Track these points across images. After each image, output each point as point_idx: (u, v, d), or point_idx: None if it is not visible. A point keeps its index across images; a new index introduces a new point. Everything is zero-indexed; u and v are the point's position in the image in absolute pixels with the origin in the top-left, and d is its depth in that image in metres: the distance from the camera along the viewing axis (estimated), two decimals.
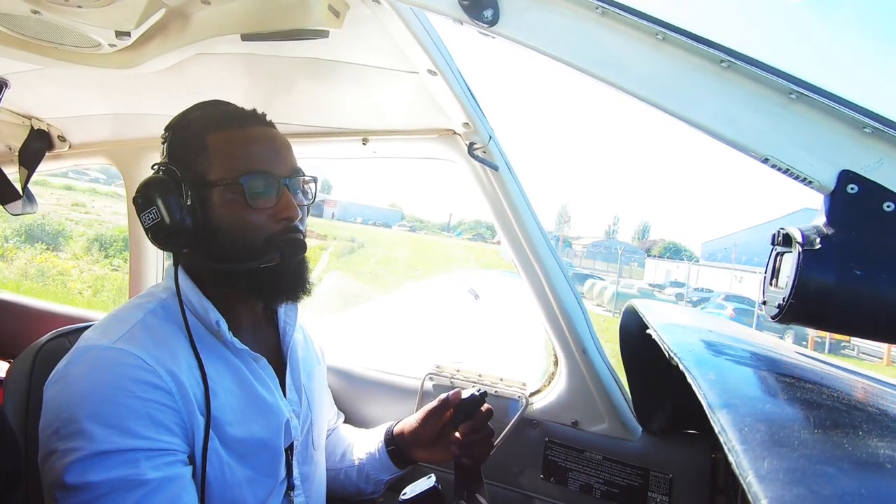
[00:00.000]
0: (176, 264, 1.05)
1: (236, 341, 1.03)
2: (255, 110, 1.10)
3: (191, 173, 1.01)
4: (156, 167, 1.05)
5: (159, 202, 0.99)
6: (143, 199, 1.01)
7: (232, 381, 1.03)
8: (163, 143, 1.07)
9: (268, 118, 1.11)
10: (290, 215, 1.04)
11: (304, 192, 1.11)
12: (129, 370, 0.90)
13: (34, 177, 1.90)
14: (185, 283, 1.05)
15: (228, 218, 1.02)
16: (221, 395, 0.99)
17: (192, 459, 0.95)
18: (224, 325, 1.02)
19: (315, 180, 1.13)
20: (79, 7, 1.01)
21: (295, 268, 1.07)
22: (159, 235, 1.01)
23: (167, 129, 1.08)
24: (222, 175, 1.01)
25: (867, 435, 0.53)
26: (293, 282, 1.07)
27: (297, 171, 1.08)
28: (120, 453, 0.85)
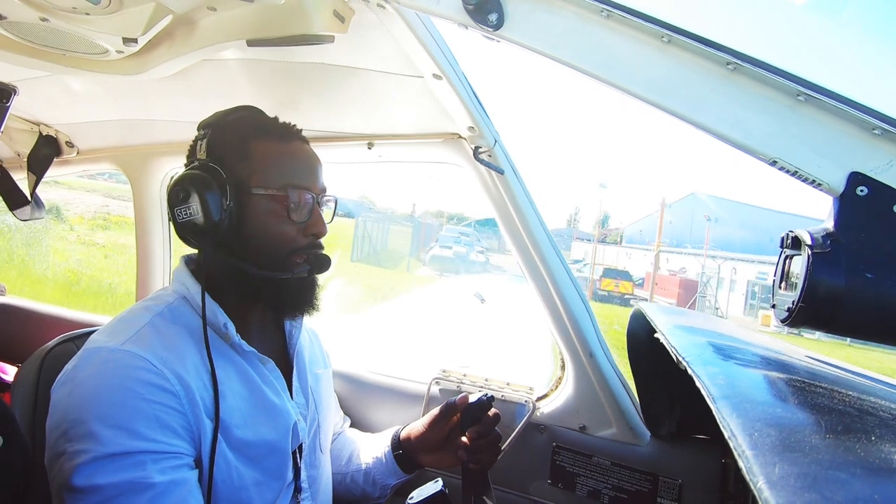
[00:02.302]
0: (203, 262, 1.05)
1: (244, 343, 1.04)
2: (294, 125, 1.13)
3: (232, 176, 1.02)
4: (195, 162, 1.04)
5: (200, 198, 0.99)
6: (183, 193, 1.00)
7: (240, 383, 1.03)
8: (199, 141, 1.06)
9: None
10: (319, 231, 1.09)
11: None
12: (136, 372, 0.90)
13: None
14: (194, 287, 1.05)
15: (263, 225, 1.04)
16: (230, 398, 1.00)
17: (198, 463, 0.95)
18: (232, 328, 1.03)
19: (336, 200, 1.16)
20: (86, 14, 1.01)
21: (314, 283, 1.11)
22: (192, 231, 1.01)
23: (203, 127, 1.08)
24: (265, 183, 1.04)
25: (880, 440, 0.52)
26: (309, 296, 1.11)
27: (325, 190, 1.12)
28: (127, 456, 0.85)
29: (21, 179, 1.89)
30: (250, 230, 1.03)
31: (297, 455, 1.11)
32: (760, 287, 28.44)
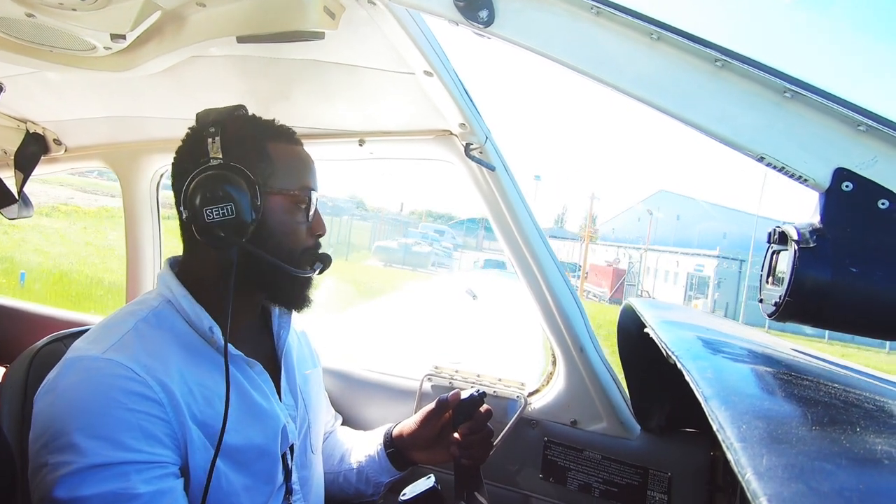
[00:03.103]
0: (234, 262, 1.01)
1: (230, 347, 1.03)
2: (292, 129, 1.15)
3: (254, 175, 1.01)
4: (213, 161, 1.01)
5: (234, 198, 0.98)
6: (221, 192, 0.98)
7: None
8: (210, 138, 1.02)
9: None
10: (322, 231, 1.13)
11: None
12: (119, 381, 0.88)
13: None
14: (178, 290, 1.04)
15: (282, 225, 1.07)
16: (217, 404, 0.98)
17: (183, 472, 0.94)
18: (218, 332, 1.02)
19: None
20: (73, 10, 1.00)
21: (311, 281, 1.14)
22: (224, 229, 0.98)
23: (210, 124, 1.03)
24: (284, 184, 1.06)
25: (865, 431, 0.53)
26: (309, 293, 1.14)
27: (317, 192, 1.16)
28: (111, 467, 0.84)
29: (8, 178, 1.87)
30: (269, 229, 1.04)
31: (288, 457, 1.11)
32: (696, 279, 30.06)
